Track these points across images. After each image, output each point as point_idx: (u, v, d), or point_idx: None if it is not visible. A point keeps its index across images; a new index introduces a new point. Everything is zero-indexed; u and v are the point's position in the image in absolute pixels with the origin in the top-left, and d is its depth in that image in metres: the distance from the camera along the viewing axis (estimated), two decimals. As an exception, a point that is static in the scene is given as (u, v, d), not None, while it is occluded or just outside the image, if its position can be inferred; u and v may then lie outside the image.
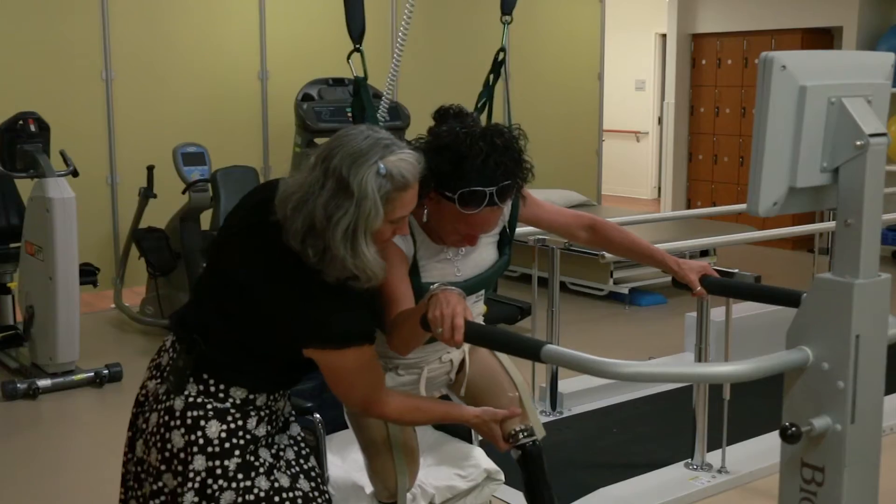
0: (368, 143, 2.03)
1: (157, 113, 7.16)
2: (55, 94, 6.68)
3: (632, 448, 4.39)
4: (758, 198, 1.69)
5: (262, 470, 2.19)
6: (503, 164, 2.22)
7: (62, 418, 4.89)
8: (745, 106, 9.94)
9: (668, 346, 5.99)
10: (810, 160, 1.70)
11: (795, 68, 1.66)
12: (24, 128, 5.42)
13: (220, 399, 2.17)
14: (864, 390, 1.71)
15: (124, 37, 7.00)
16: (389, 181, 2.02)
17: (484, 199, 2.21)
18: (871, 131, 1.67)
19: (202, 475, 2.15)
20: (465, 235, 2.32)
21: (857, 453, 1.73)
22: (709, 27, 10.17)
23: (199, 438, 2.15)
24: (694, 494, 3.92)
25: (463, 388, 2.65)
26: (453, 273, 2.42)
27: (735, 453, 4.23)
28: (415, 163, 2.07)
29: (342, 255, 2.01)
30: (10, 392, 5.07)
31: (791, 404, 1.77)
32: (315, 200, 2.01)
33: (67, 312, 5.19)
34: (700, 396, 4.14)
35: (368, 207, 2.00)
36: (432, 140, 2.29)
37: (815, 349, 1.73)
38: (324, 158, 2.04)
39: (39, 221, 5.19)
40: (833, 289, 1.71)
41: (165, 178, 6.34)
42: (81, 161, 6.03)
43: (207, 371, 2.18)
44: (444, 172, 2.21)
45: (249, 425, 2.19)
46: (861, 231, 1.69)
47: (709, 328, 4.16)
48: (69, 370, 5.27)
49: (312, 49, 7.69)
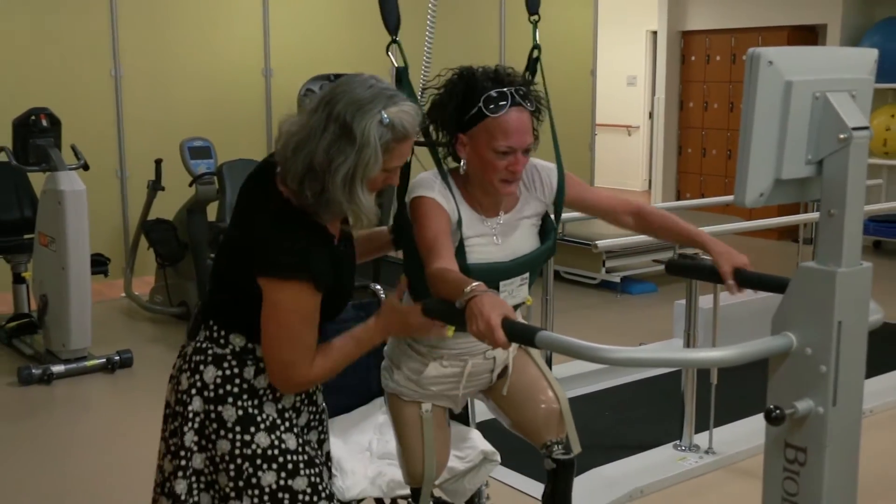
0: (372, 92, 2.02)
1: (164, 108, 7.15)
2: (66, 90, 6.68)
3: (623, 430, 4.40)
4: (745, 189, 1.69)
5: (262, 426, 2.15)
6: (511, 74, 2.28)
7: (75, 402, 4.90)
8: (732, 101, 9.93)
9: (659, 332, 6.00)
10: (795, 153, 1.70)
11: (782, 64, 1.66)
12: (36, 123, 5.44)
13: (221, 345, 2.16)
14: (845, 374, 1.72)
15: (132, 35, 7.00)
16: (391, 131, 2.01)
17: (506, 99, 2.21)
18: (855, 125, 1.67)
19: (200, 416, 2.16)
20: (508, 160, 2.25)
21: (839, 434, 1.74)
22: (698, 24, 10.16)
23: (197, 381, 2.16)
24: (682, 474, 3.94)
25: (505, 389, 2.57)
26: (496, 250, 2.36)
27: (722, 435, 4.24)
28: (415, 115, 2.06)
29: (339, 199, 2.02)
30: (25, 377, 5.09)
31: (775, 388, 1.77)
32: (316, 143, 2.00)
33: (80, 301, 5.20)
34: (688, 381, 4.16)
35: (369, 155, 2.00)
36: (444, 84, 2.32)
37: (799, 335, 1.73)
38: (327, 102, 2.03)
39: (52, 213, 5.19)
40: (817, 277, 1.71)
41: (173, 172, 6.35)
42: (92, 155, 6.03)
43: (213, 317, 2.19)
44: (461, 95, 2.25)
45: (246, 374, 2.16)
46: (844, 221, 1.69)
47: (697, 315, 4.17)
48: (82, 356, 5.29)
49: (315, 46, 7.68)
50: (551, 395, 2.58)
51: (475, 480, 2.73)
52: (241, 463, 2.12)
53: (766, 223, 4.97)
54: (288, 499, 2.14)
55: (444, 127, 2.32)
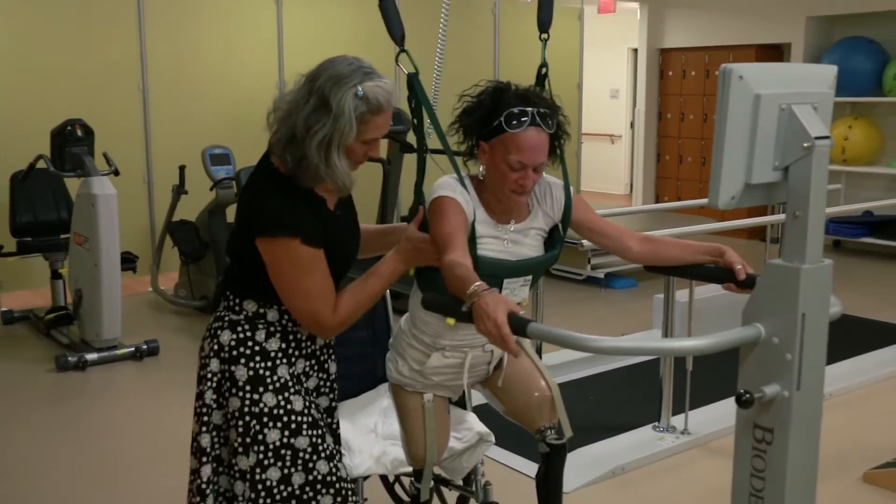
0: (351, 68, 2.05)
1: (187, 119, 7.15)
2: (99, 103, 6.69)
3: (606, 413, 4.40)
4: (718, 193, 1.69)
5: (272, 387, 2.15)
6: (540, 97, 2.26)
7: (107, 387, 4.90)
8: (706, 112, 9.93)
9: (639, 323, 6.01)
10: (764, 159, 1.70)
11: (751, 79, 1.66)
12: (71, 133, 5.45)
13: (236, 312, 2.18)
14: (808, 361, 1.72)
15: (158, 54, 7.00)
16: (365, 103, 2.04)
17: (527, 117, 2.18)
18: (817, 134, 1.67)
19: (217, 376, 2.19)
20: (519, 174, 2.21)
21: (802, 416, 1.74)
22: (675, 43, 10.16)
23: (214, 344, 2.19)
24: (660, 453, 3.94)
25: (500, 380, 2.55)
26: (504, 252, 2.32)
27: (696, 417, 4.25)
28: (390, 90, 2.08)
29: (316, 163, 2.04)
30: (62, 364, 5.10)
31: (745, 374, 1.77)
32: (298, 113, 2.05)
33: (111, 295, 5.20)
34: (666, 368, 4.16)
35: (343, 124, 2.02)
36: (475, 93, 2.30)
37: (767, 326, 1.73)
38: (310, 78, 2.08)
39: (86, 215, 5.19)
40: (783, 273, 1.71)
41: (195, 177, 6.34)
42: (122, 162, 6.03)
43: (230, 288, 2.21)
44: (488, 106, 2.22)
45: (258, 337, 2.17)
46: (807, 222, 1.69)
47: (674, 308, 4.17)
48: (113, 345, 5.29)
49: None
50: (543, 384, 2.56)
51: (472, 459, 2.73)
52: (248, 420, 2.14)
53: (737, 224, 4.97)
54: (289, 455, 2.15)
55: (469, 132, 2.30)
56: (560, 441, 2.54)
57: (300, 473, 2.16)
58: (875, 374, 5.00)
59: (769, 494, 1.77)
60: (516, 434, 3.16)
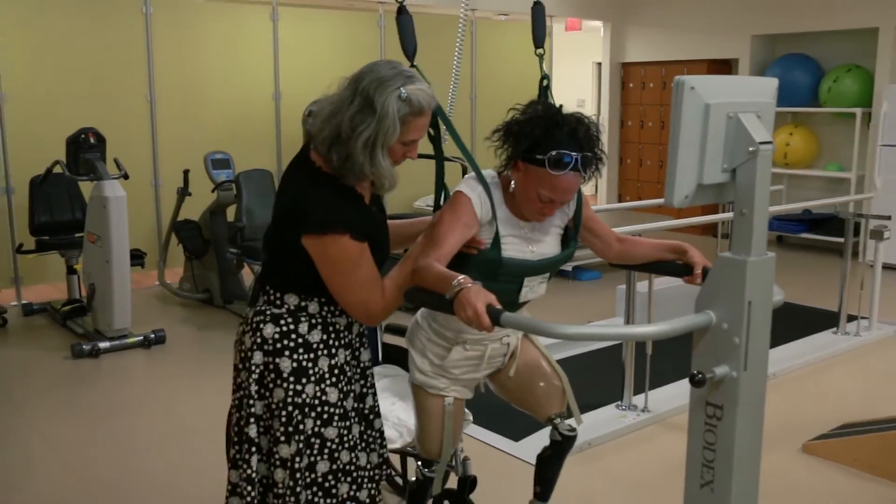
0: (393, 72, 1.98)
1: (191, 127, 7.10)
2: (110, 112, 6.64)
3: (574, 393, 4.40)
4: (673, 192, 1.69)
5: (313, 378, 2.08)
6: (588, 138, 2.07)
7: (118, 373, 4.87)
8: (663, 120, 9.96)
9: (603, 312, 6.03)
10: (714, 162, 1.70)
11: (702, 89, 1.66)
12: (85, 140, 5.43)
13: (277, 306, 2.09)
14: (754, 345, 1.73)
15: (164, 66, 6.94)
16: (408, 105, 1.96)
17: (570, 163, 2.02)
18: (761, 140, 1.68)
19: (260, 368, 2.09)
20: (546, 204, 2.10)
21: (748, 394, 1.75)
22: (635, 57, 10.18)
23: (258, 338, 2.09)
24: (623, 429, 3.95)
25: (512, 369, 2.45)
26: (527, 250, 2.21)
27: (655, 396, 4.27)
28: (430, 94, 2.01)
29: (361, 161, 1.96)
30: (77, 352, 5.06)
31: (698, 356, 1.77)
32: (343, 114, 1.96)
33: (121, 288, 5.17)
34: (628, 352, 4.17)
35: (388, 124, 1.95)
36: (527, 110, 2.12)
37: (718, 313, 1.74)
38: (355, 80, 1.99)
39: (98, 216, 5.15)
40: (731, 265, 1.72)
41: (198, 180, 6.31)
42: (131, 167, 6.00)
43: (270, 283, 2.12)
44: (537, 137, 2.04)
45: (301, 329, 2.08)
46: (753, 219, 1.70)
47: (635, 298, 4.18)
48: (124, 335, 5.25)
49: (318, 74, 7.60)
50: (551, 372, 2.48)
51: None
52: (291, 410, 2.06)
53: (691, 221, 4.98)
54: (318, 444, 2.10)
55: (511, 152, 2.11)
56: (573, 433, 2.48)
57: (325, 462, 2.11)
58: (813, 356, 5.05)
59: (719, 464, 1.77)
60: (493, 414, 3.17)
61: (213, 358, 5.07)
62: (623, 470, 3.57)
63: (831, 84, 8.28)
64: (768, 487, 3.37)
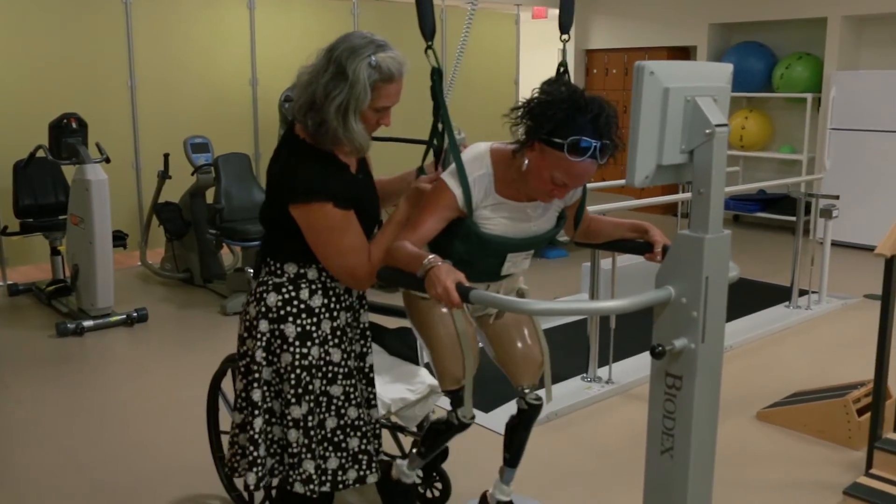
0: (365, 41, 1.99)
1: (170, 112, 7.01)
2: (91, 98, 6.53)
3: (550, 372, 4.42)
4: (634, 173, 1.69)
5: (317, 340, 2.11)
6: (608, 126, 1.96)
7: (102, 350, 4.82)
8: (626, 105, 9.98)
9: (569, 288, 6.05)
10: (672, 144, 1.71)
11: (661, 74, 1.66)
12: (67, 125, 5.37)
13: (278, 275, 2.11)
14: (711, 318, 1.74)
15: (145, 53, 6.83)
16: (377, 72, 1.97)
17: (589, 150, 1.93)
18: (717, 122, 1.68)
19: (266, 336, 2.11)
20: (559, 187, 2.00)
21: (706, 365, 1.76)
22: (598, 45, 10.18)
23: (262, 306, 2.11)
24: (588, 400, 3.97)
25: (492, 318, 2.40)
26: (515, 228, 2.14)
27: (619, 368, 4.29)
28: (401, 61, 2.01)
29: (335, 126, 1.97)
30: (62, 330, 5.00)
31: (658, 330, 1.78)
32: (318, 81, 1.98)
33: (104, 268, 5.11)
34: (593, 326, 4.19)
35: (359, 90, 1.96)
36: (550, 90, 2.00)
37: (677, 288, 1.74)
38: (329, 50, 2.01)
39: (81, 198, 5.08)
40: (690, 242, 1.73)
41: (178, 163, 6.25)
42: (112, 150, 5.92)
43: (269, 255, 2.14)
44: (558, 120, 1.93)
45: (302, 295, 2.10)
46: (710, 198, 1.70)
47: (599, 275, 4.19)
48: (107, 313, 5.20)
49: (293, 61, 7.49)
50: (533, 341, 2.45)
51: (424, 408, 2.73)
52: (300, 373, 2.09)
53: (652, 201, 5.01)
54: (325, 402, 2.12)
55: (530, 132, 1.99)
56: (538, 402, 2.48)
57: (333, 418, 2.14)
58: (767, 328, 5.10)
59: (679, 432, 1.79)
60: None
61: (194, 335, 5.03)
62: (588, 438, 3.60)
63: (784, 71, 8.34)
64: (724, 453, 3.42)
